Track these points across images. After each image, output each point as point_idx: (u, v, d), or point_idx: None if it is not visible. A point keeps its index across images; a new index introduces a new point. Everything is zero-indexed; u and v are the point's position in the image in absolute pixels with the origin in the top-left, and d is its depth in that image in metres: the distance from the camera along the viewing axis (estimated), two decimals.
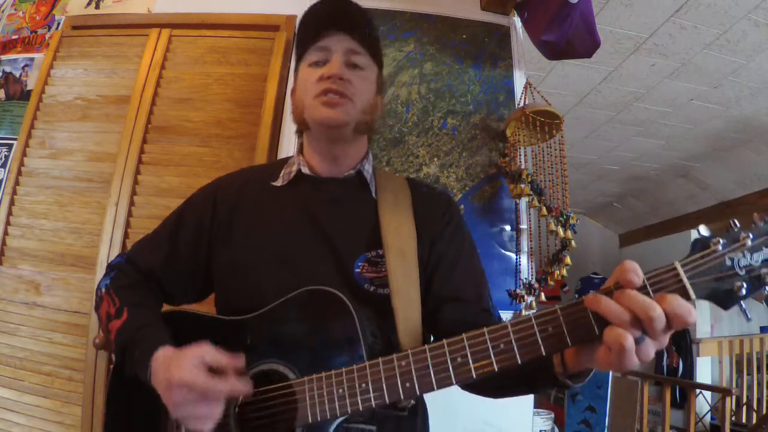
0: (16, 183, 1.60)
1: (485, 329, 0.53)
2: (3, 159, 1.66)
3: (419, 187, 0.83)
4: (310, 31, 0.78)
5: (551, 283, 1.39)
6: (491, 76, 1.63)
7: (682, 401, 3.43)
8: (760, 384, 3.33)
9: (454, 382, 0.53)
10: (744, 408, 3.23)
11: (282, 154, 1.54)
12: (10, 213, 1.58)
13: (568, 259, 1.36)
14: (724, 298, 0.47)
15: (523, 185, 1.39)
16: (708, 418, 3.16)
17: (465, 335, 0.53)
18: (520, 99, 1.57)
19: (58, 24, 1.83)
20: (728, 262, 0.46)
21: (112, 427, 0.72)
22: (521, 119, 1.42)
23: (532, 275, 1.46)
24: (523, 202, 1.50)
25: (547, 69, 2.52)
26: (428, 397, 0.75)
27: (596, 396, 2.89)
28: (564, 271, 1.37)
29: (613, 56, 2.41)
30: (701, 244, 0.48)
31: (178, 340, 0.66)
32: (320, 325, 0.63)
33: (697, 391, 2.91)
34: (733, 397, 3.06)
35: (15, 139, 1.66)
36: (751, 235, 0.46)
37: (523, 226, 1.50)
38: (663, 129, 3.18)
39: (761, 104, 2.76)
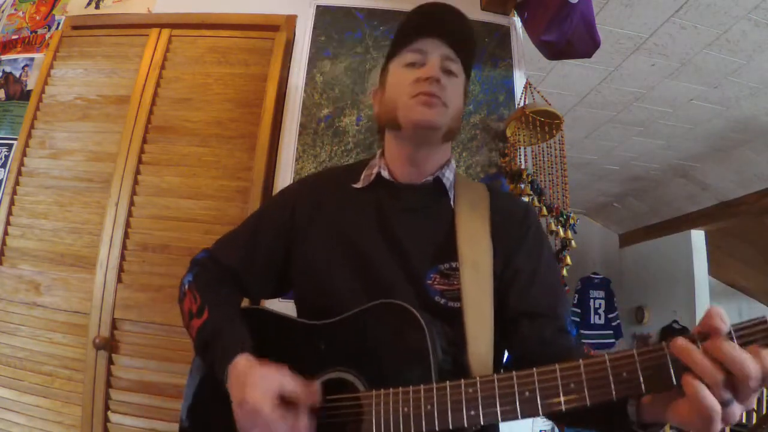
0: (16, 183, 1.60)
1: (557, 366, 0.50)
2: (3, 159, 1.66)
3: (499, 198, 0.82)
4: (408, 32, 0.79)
5: None
6: (491, 76, 1.63)
7: None
8: None
9: (519, 416, 0.51)
10: None
11: (282, 154, 1.54)
12: (10, 213, 1.57)
13: (568, 259, 1.36)
14: None
15: (523, 185, 1.39)
16: None
17: (536, 370, 0.51)
18: (520, 99, 1.57)
19: (58, 24, 1.83)
20: None
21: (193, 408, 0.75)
22: (521, 119, 1.43)
23: None
24: None
25: (547, 69, 2.52)
26: None
27: None
28: (564, 271, 1.37)
29: (613, 56, 2.41)
30: None
31: (258, 337, 0.68)
32: (392, 339, 0.62)
33: None
34: None
35: (15, 139, 1.66)
36: None
37: None
38: (663, 129, 3.18)
39: (761, 104, 2.76)
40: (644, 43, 2.29)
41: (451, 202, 0.78)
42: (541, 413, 0.50)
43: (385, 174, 0.79)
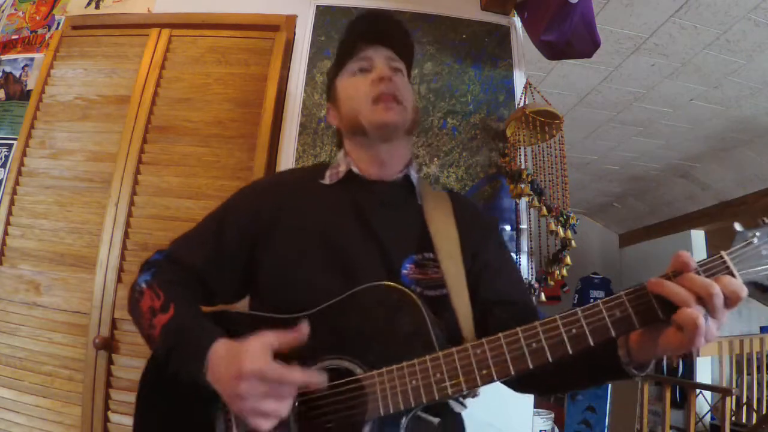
0: (16, 183, 1.60)
1: (557, 316, 0.55)
2: (3, 159, 1.66)
3: (459, 199, 0.86)
4: (349, 45, 0.84)
5: (551, 283, 1.39)
6: (491, 76, 1.63)
7: (682, 401, 3.43)
8: (760, 384, 3.33)
9: (530, 365, 0.55)
10: (744, 408, 3.23)
11: (282, 154, 1.54)
12: (10, 213, 1.57)
13: (568, 259, 1.36)
14: (765, 283, 0.53)
15: (523, 185, 1.39)
16: (708, 418, 3.16)
17: (538, 323, 0.55)
18: (520, 99, 1.57)
19: (58, 24, 1.83)
20: (765, 252, 0.53)
21: (145, 425, 0.70)
22: (521, 119, 1.42)
23: (532, 275, 1.46)
24: (523, 202, 1.50)
25: (547, 69, 2.52)
26: None
27: (596, 396, 2.89)
28: (564, 271, 1.37)
29: (613, 56, 2.41)
30: (740, 236, 0.55)
31: (231, 338, 0.64)
32: (387, 320, 0.62)
33: (697, 391, 2.91)
34: (733, 397, 3.06)
35: (15, 139, 1.66)
36: None
37: (523, 226, 1.50)
38: (663, 129, 3.18)
39: (761, 104, 2.76)
40: (644, 43, 2.29)
41: (419, 199, 0.81)
42: (550, 359, 0.54)
43: (356, 170, 0.81)
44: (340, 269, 0.72)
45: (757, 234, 0.54)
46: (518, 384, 0.72)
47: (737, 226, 0.56)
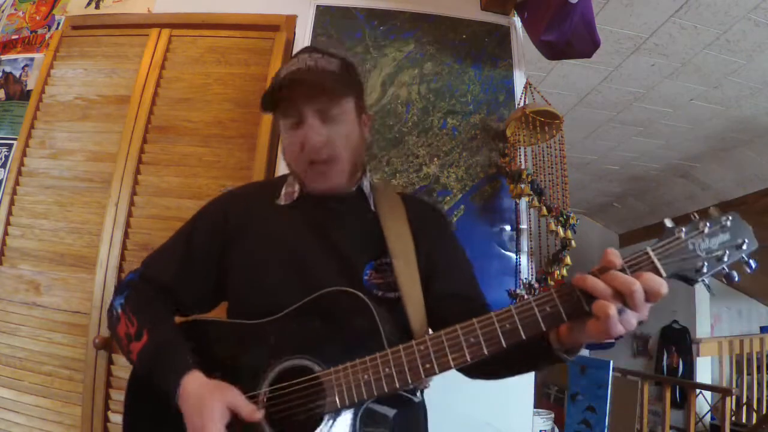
0: (16, 183, 1.60)
1: (492, 313, 0.60)
2: (3, 159, 1.66)
3: (411, 201, 0.89)
4: (276, 102, 0.78)
5: (551, 283, 1.39)
6: (491, 76, 1.63)
7: (682, 401, 3.43)
8: (760, 384, 3.34)
9: (468, 360, 0.60)
10: (744, 408, 3.23)
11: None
12: (10, 213, 1.57)
13: (568, 259, 1.36)
14: (690, 276, 0.55)
15: (523, 185, 1.39)
16: (708, 418, 3.16)
17: (475, 320, 0.60)
18: (520, 99, 1.57)
19: (58, 24, 1.83)
20: (691, 246, 0.55)
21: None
22: (521, 119, 1.42)
23: (532, 275, 1.46)
24: (523, 202, 1.50)
25: (547, 69, 2.52)
26: (428, 397, 0.79)
27: (596, 396, 2.89)
28: (564, 271, 1.37)
29: (613, 56, 2.41)
30: (668, 232, 0.57)
31: (203, 346, 0.72)
32: (342, 321, 0.68)
33: (697, 391, 2.91)
34: (733, 397, 3.07)
35: (15, 139, 1.66)
36: (708, 224, 0.56)
37: (523, 226, 1.50)
38: (663, 129, 3.18)
39: (761, 104, 2.76)
40: (644, 43, 2.29)
41: (372, 206, 0.84)
42: (486, 353, 0.59)
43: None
44: (307, 286, 0.73)
45: (684, 229, 0.56)
46: (466, 372, 0.76)
47: (667, 222, 0.58)
